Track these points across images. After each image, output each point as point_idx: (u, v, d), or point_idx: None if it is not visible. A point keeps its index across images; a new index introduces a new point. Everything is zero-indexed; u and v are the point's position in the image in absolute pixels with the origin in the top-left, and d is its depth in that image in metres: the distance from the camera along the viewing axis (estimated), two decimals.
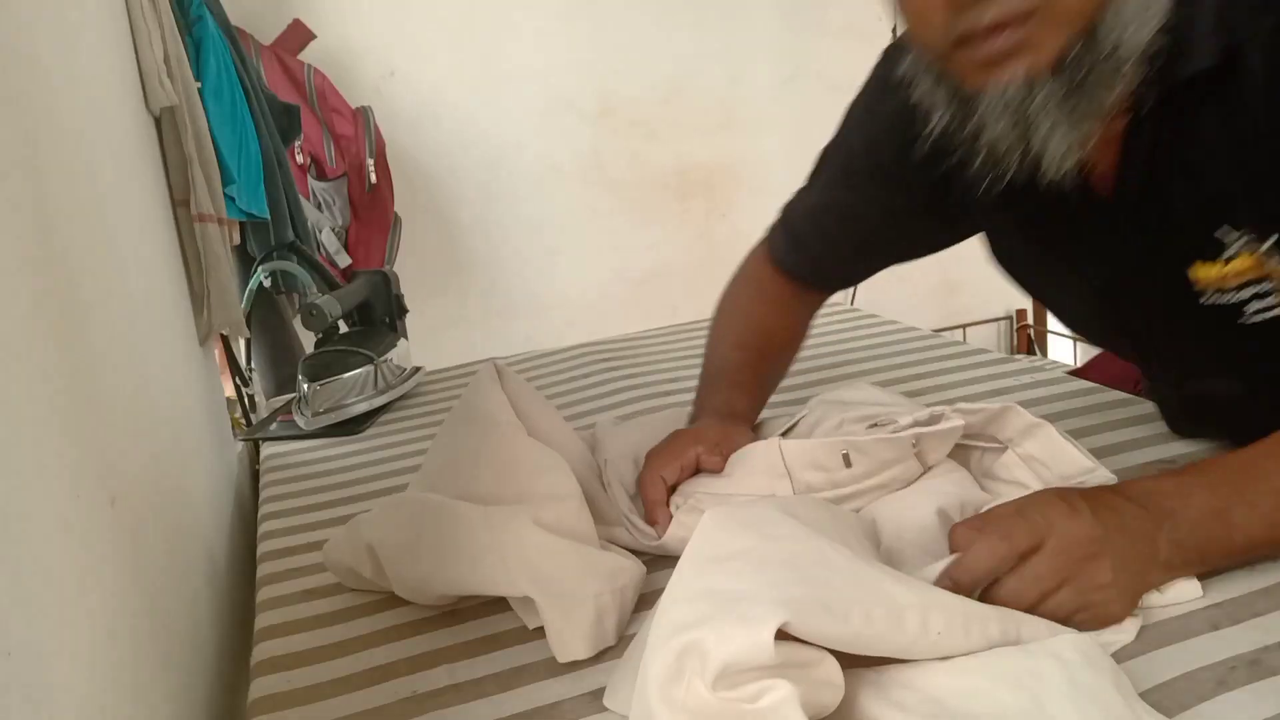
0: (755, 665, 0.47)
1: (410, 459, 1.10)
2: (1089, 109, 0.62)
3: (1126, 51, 0.61)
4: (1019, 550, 0.60)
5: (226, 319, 1.22)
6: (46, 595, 0.43)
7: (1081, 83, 0.61)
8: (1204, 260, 0.70)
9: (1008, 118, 0.63)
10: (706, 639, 0.48)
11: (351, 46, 2.48)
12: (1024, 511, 0.62)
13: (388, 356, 1.32)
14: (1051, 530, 0.60)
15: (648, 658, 0.51)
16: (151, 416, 0.77)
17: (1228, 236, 0.68)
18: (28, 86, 0.59)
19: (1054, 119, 0.62)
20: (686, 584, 0.55)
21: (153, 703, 0.59)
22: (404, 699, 0.65)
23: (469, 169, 2.65)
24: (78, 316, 0.60)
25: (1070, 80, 0.61)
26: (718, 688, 0.47)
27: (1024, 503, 0.63)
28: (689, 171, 2.80)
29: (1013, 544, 0.60)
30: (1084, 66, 0.61)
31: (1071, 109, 0.62)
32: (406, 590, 0.74)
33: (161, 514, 0.73)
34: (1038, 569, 0.59)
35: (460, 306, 2.68)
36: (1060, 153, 0.63)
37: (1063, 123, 0.62)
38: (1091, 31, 0.60)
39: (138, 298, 0.82)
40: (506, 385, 0.87)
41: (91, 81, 0.84)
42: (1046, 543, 0.60)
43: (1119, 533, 0.60)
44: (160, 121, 1.18)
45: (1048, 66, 0.61)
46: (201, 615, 0.81)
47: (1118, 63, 0.61)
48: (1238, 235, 0.67)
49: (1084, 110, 0.62)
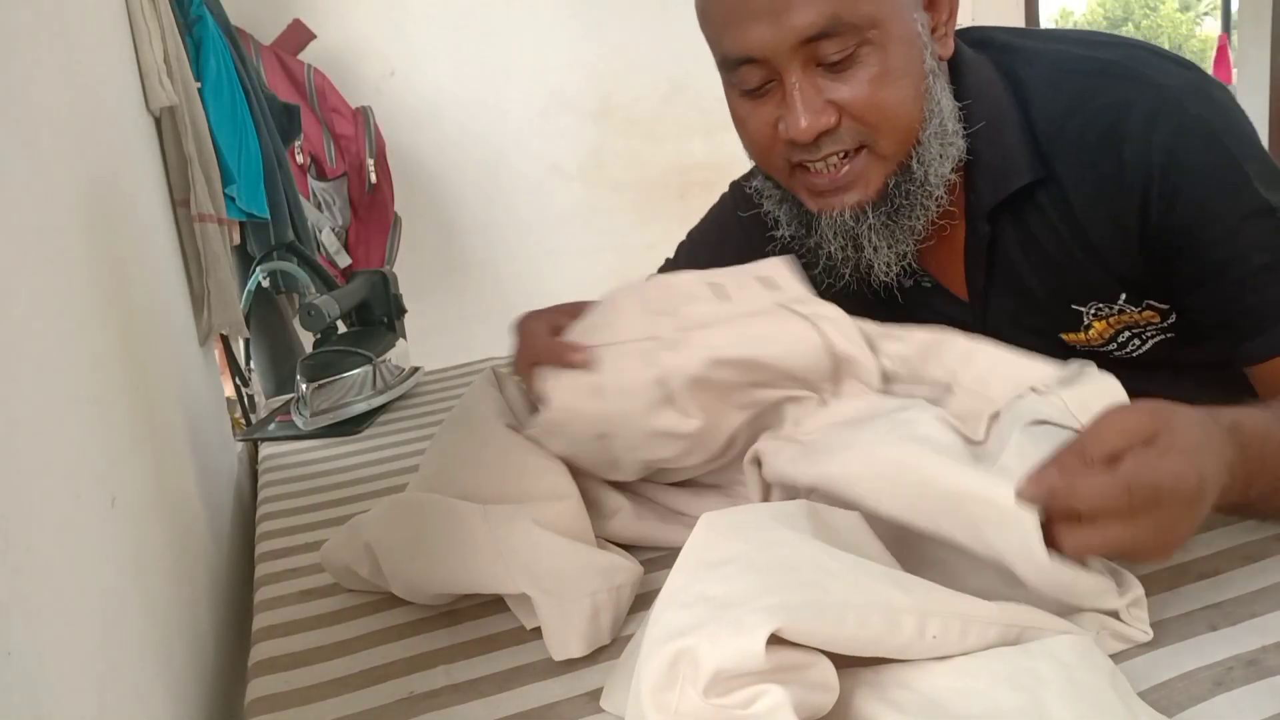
0: (747, 672, 0.47)
1: (409, 459, 1.10)
2: (907, 229, 0.77)
3: (934, 181, 0.76)
4: (1133, 507, 0.52)
5: (226, 319, 1.22)
6: (46, 595, 0.43)
7: (899, 209, 0.76)
8: (1068, 331, 0.83)
9: (842, 238, 0.77)
10: (699, 646, 0.48)
11: (351, 46, 2.48)
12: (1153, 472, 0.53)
13: (386, 356, 1.32)
14: (1170, 495, 0.53)
15: (641, 663, 0.51)
16: (151, 416, 0.77)
17: (1082, 309, 0.81)
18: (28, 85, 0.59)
19: (879, 240, 0.76)
20: (680, 589, 0.55)
21: (153, 703, 0.59)
22: (401, 699, 0.65)
23: (469, 169, 2.65)
24: (77, 317, 0.60)
25: (891, 207, 0.76)
26: (710, 695, 0.47)
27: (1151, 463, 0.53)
28: (689, 171, 2.80)
29: (1130, 500, 0.52)
30: (901, 195, 0.75)
31: (893, 231, 0.76)
32: (404, 589, 0.74)
33: (161, 514, 0.73)
34: (1150, 526, 0.53)
35: (459, 306, 2.68)
36: (886, 264, 0.78)
37: (885, 242, 0.77)
38: (906, 166, 0.75)
39: (137, 297, 0.82)
40: (505, 390, 0.87)
41: (91, 81, 0.84)
42: (1161, 491, 0.52)
43: (1199, 469, 0.54)
44: (160, 121, 1.18)
45: (873, 197, 0.75)
46: (201, 615, 0.81)
47: (928, 191, 0.76)
48: (1086, 309, 0.81)
49: (903, 231, 0.77)
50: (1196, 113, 0.71)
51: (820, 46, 0.70)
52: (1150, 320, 0.80)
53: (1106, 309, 0.80)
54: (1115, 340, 0.83)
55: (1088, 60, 0.77)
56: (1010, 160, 0.76)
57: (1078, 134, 0.74)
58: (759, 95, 0.75)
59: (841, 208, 0.75)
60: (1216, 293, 0.73)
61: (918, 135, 0.74)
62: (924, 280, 0.86)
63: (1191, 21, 15.22)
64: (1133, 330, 0.82)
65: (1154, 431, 0.53)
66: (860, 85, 0.72)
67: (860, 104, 0.72)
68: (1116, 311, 0.80)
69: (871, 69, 0.71)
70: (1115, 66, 0.75)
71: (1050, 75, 0.77)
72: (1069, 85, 0.76)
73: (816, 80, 0.72)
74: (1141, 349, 0.83)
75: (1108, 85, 0.74)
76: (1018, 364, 0.67)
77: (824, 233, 0.77)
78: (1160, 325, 0.81)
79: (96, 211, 0.73)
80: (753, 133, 0.77)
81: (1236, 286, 0.72)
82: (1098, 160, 0.74)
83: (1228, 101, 0.74)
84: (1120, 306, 0.79)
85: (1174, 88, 0.72)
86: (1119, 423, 0.54)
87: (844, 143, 0.73)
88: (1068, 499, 0.52)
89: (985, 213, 0.78)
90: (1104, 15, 15.63)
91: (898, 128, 0.73)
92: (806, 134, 0.72)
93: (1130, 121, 0.72)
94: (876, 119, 0.73)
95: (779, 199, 0.81)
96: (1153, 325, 0.81)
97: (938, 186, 0.76)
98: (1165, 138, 0.71)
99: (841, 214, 0.76)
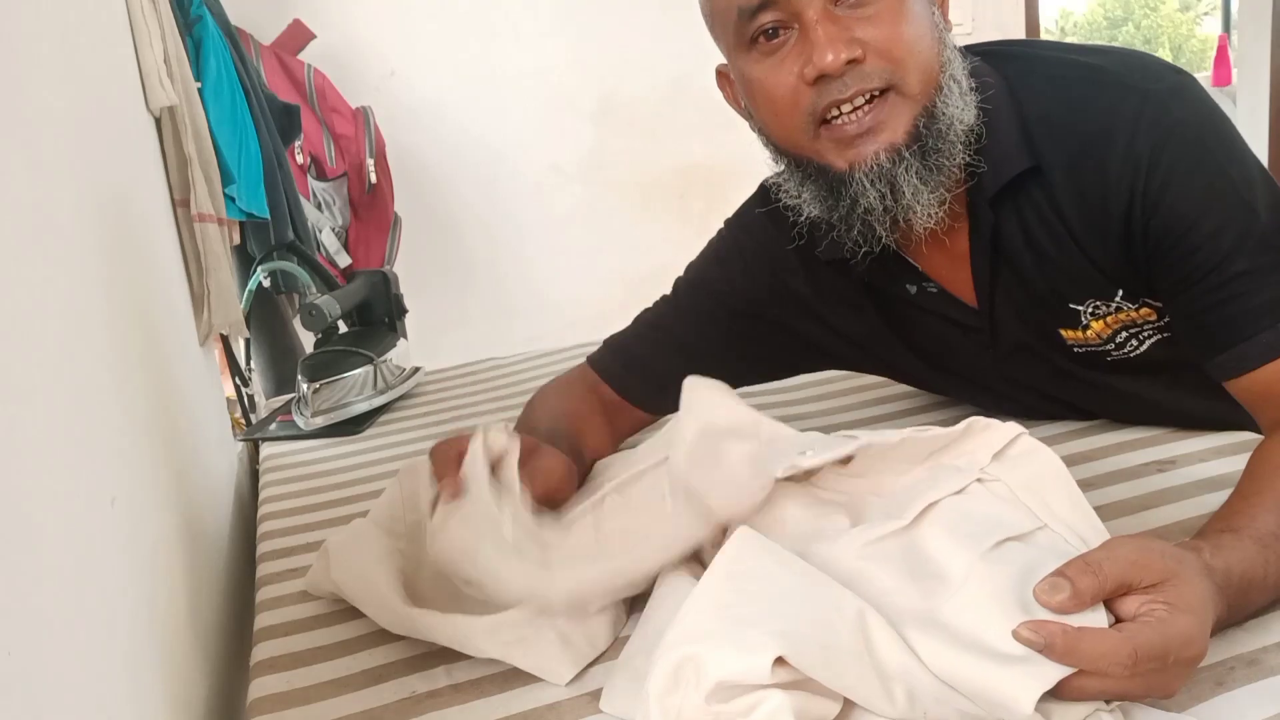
0: (749, 685, 0.49)
1: (409, 459, 1.10)
2: (942, 171, 0.76)
3: (960, 127, 0.75)
4: (1136, 670, 0.51)
5: (226, 319, 1.22)
6: (46, 595, 0.43)
7: (930, 150, 0.75)
8: (1068, 329, 0.83)
9: (880, 185, 0.75)
10: (705, 656, 0.49)
11: (351, 46, 2.48)
12: (1165, 624, 0.52)
13: (387, 356, 1.32)
14: (1179, 648, 0.52)
15: (651, 662, 0.53)
16: (151, 416, 0.77)
17: (1080, 307, 0.81)
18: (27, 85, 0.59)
19: (918, 181, 0.75)
20: (700, 595, 0.56)
21: (152, 703, 0.59)
22: (403, 699, 0.65)
23: (469, 169, 2.65)
24: (77, 317, 0.60)
25: (923, 147, 0.75)
26: (712, 701, 0.49)
27: (1165, 616, 0.52)
28: (689, 171, 2.80)
29: (1135, 663, 0.50)
30: (931, 135, 0.74)
31: (930, 173, 0.75)
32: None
33: (161, 514, 0.73)
34: (1147, 682, 0.52)
35: (460, 306, 2.68)
36: (927, 209, 0.76)
37: (924, 184, 0.75)
38: (931, 110, 0.74)
39: (137, 297, 0.82)
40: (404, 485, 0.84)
41: (91, 81, 0.84)
42: (1168, 657, 0.51)
43: (1205, 631, 0.54)
44: (160, 121, 1.18)
45: (903, 139, 0.74)
46: (201, 615, 0.81)
47: (954, 135, 0.75)
48: (1084, 307, 0.81)
49: (939, 173, 0.75)
50: (1181, 118, 0.72)
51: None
52: (1148, 318, 0.81)
53: (1104, 307, 0.80)
54: (1113, 340, 0.83)
55: (1076, 67, 0.78)
56: (1007, 149, 0.77)
57: (1065, 139, 0.75)
58: (777, 52, 0.75)
59: (876, 150, 0.74)
60: (1199, 298, 0.74)
61: (939, 79, 0.75)
62: (929, 286, 0.86)
63: (1191, 21, 15.22)
64: (1130, 330, 0.82)
65: (1164, 578, 0.53)
66: (882, 21, 0.72)
67: (884, 39, 0.72)
68: (1114, 310, 0.80)
69: (890, 5, 0.72)
70: (1102, 73, 0.76)
71: (1040, 80, 0.78)
72: (1057, 90, 0.77)
73: (838, 17, 0.72)
74: (1140, 349, 0.84)
75: (1095, 91, 0.75)
76: (920, 442, 0.66)
77: (859, 184, 0.75)
78: (1157, 324, 0.81)
79: (96, 211, 0.73)
80: (773, 90, 0.76)
81: (1218, 291, 0.72)
82: (1084, 165, 0.75)
83: (1213, 107, 0.75)
84: (1118, 304, 0.80)
85: (1158, 92, 0.73)
86: (1132, 555, 0.53)
87: (871, 81, 0.73)
88: (1066, 657, 0.50)
89: (989, 199, 0.78)
90: (1104, 15, 15.65)
91: (921, 64, 0.74)
92: (834, 64, 0.71)
93: (1115, 127, 0.73)
94: (901, 53, 0.73)
95: (799, 180, 0.80)
96: (1150, 324, 0.81)
97: (961, 136, 0.76)
98: (1149, 142, 0.72)
99: (877, 157, 0.74)
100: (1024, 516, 0.62)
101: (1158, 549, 0.54)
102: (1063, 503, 0.63)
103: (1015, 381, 0.92)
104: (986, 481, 0.65)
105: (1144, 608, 0.52)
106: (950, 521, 0.61)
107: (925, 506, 0.63)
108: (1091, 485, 0.82)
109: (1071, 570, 0.53)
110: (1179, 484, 0.82)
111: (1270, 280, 0.71)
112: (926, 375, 1.00)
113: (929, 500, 0.63)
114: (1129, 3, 15.28)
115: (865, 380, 1.16)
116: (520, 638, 0.65)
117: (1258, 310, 0.72)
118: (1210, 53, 4.93)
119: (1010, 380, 0.92)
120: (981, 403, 1.00)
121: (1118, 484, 0.83)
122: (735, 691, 0.49)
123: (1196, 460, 0.85)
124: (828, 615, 0.53)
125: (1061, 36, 13.76)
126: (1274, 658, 0.58)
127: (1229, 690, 0.55)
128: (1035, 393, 0.93)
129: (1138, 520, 0.76)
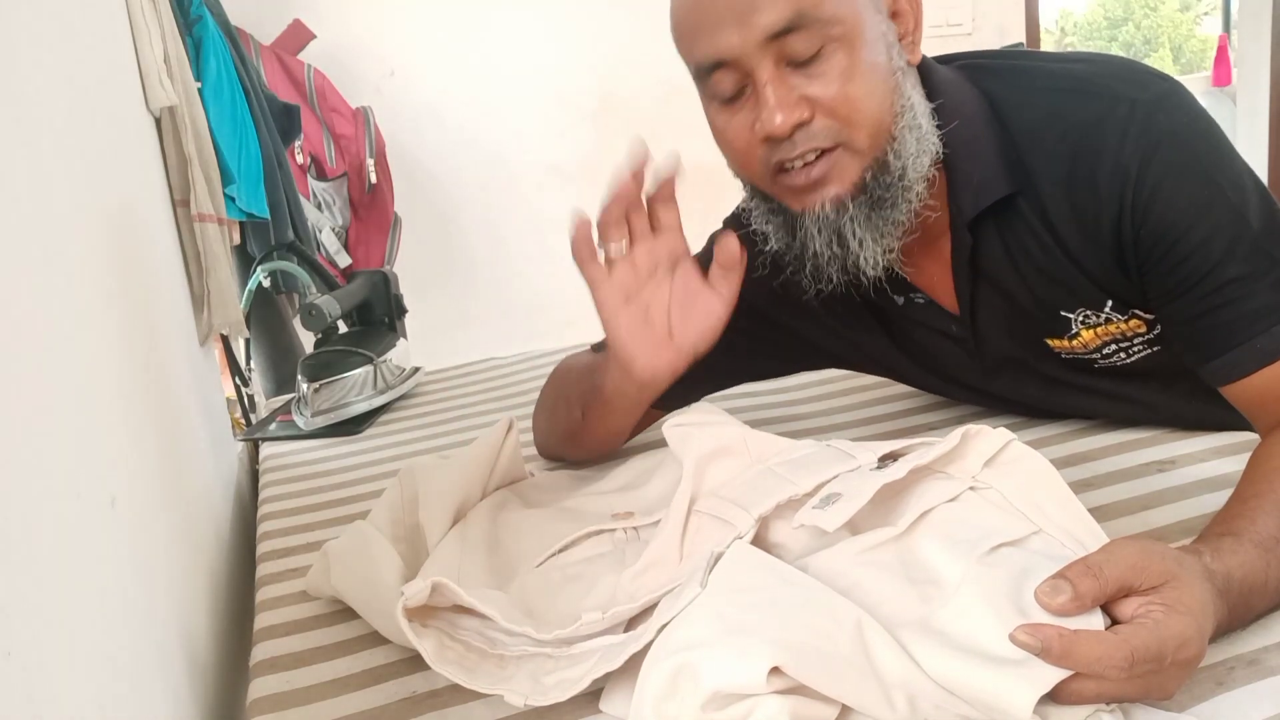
0: (745, 694, 0.49)
1: (409, 459, 1.10)
2: (890, 223, 0.76)
3: (912, 176, 0.76)
4: (1132, 672, 0.51)
5: (226, 319, 1.22)
6: (46, 595, 0.43)
7: (879, 201, 0.75)
8: (1055, 338, 0.84)
9: (826, 233, 0.77)
10: (702, 664, 0.50)
11: (352, 46, 2.48)
12: (1160, 626, 0.52)
13: (387, 356, 1.32)
14: (1176, 652, 0.52)
15: (647, 665, 0.53)
16: (151, 416, 0.77)
17: (1071, 315, 0.81)
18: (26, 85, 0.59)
19: (862, 232, 0.76)
20: (700, 604, 0.56)
21: (152, 703, 0.59)
22: (403, 699, 0.65)
23: (469, 169, 2.65)
24: (77, 317, 0.60)
25: (870, 199, 0.75)
26: (708, 709, 0.49)
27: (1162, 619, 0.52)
28: (689, 171, 2.80)
29: (1132, 665, 0.51)
30: (880, 187, 0.75)
31: (876, 224, 0.76)
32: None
33: (161, 514, 0.73)
34: (1145, 684, 0.52)
35: (460, 306, 2.68)
36: (873, 259, 0.77)
37: (869, 234, 0.76)
38: (882, 161, 0.75)
39: (137, 297, 0.82)
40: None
41: (91, 81, 0.84)
42: (1165, 659, 0.51)
43: (1203, 633, 0.53)
44: (160, 121, 1.18)
45: (850, 190, 0.75)
46: (201, 615, 0.81)
47: (906, 185, 0.76)
48: (1075, 315, 0.81)
49: (886, 224, 0.76)
50: (1169, 126, 0.72)
51: (788, 43, 0.71)
52: (1137, 330, 0.81)
53: (1094, 317, 0.81)
54: (1100, 351, 0.84)
55: (1061, 77, 0.78)
56: (988, 173, 0.77)
57: (1052, 150, 0.75)
58: (735, 103, 0.76)
59: (823, 201, 0.75)
60: (1192, 305, 0.74)
61: (891, 130, 0.75)
62: (917, 297, 0.86)
63: (1191, 21, 15.21)
64: (1119, 344, 0.83)
65: (1163, 580, 0.53)
66: (830, 80, 0.72)
67: (831, 99, 0.72)
68: (1104, 321, 0.81)
69: (840, 64, 0.72)
70: (1088, 82, 0.76)
71: (1024, 94, 0.78)
72: (1043, 102, 0.77)
73: (788, 78, 0.73)
74: (1127, 361, 0.84)
75: (1081, 101, 0.75)
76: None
77: (809, 230, 0.77)
78: (1146, 336, 0.81)
79: (96, 212, 0.73)
80: (732, 140, 0.78)
81: (1211, 298, 0.72)
82: (1072, 176, 0.75)
83: (1201, 113, 0.74)
84: (1107, 315, 0.80)
85: (1146, 101, 0.73)
86: (1132, 557, 0.53)
87: (819, 140, 0.74)
88: (1062, 660, 0.49)
89: (967, 223, 0.79)
90: (1104, 15, 15.63)
91: (870, 121, 0.74)
92: (781, 128, 0.72)
93: (1103, 137, 0.73)
94: (848, 112, 0.73)
95: (766, 212, 0.81)
96: (1139, 336, 0.81)
97: (916, 182, 0.76)
98: (1138, 152, 0.72)
99: (823, 207, 0.75)
100: (1018, 522, 0.62)
101: (1158, 551, 0.54)
102: (1055, 506, 0.63)
103: (1007, 389, 0.93)
104: (979, 489, 0.65)
105: (1142, 610, 0.52)
106: (944, 528, 0.61)
107: (919, 514, 0.63)
108: (1091, 485, 0.82)
109: (1072, 573, 0.53)
110: (1179, 484, 0.82)
111: (1263, 285, 0.71)
112: (924, 380, 1.00)
113: (922, 508, 0.63)
114: (1129, 3, 15.26)
115: (865, 380, 1.16)
116: (500, 679, 0.63)
117: (1251, 315, 0.72)
118: (1210, 53, 4.93)
119: (1002, 388, 0.92)
120: (981, 404, 1.00)
121: (1118, 484, 0.83)
122: (731, 700, 0.49)
123: (1196, 460, 0.85)
124: (825, 624, 0.53)
125: (1061, 36, 13.76)
126: (1274, 658, 0.58)
127: (1229, 690, 0.55)
128: (1028, 398, 0.94)
129: (1138, 521, 0.76)
